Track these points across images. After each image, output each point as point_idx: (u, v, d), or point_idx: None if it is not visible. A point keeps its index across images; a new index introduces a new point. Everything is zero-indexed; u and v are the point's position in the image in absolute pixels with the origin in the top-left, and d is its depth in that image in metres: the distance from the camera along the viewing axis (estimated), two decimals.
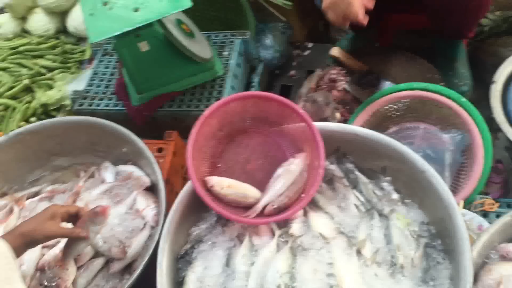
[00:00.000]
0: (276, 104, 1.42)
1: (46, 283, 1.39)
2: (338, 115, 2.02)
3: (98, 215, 1.37)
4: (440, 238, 1.28)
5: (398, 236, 1.27)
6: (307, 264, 1.21)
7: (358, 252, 1.23)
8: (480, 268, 1.26)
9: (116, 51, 1.87)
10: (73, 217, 1.35)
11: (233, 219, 1.32)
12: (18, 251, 1.19)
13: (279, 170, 1.40)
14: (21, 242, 1.21)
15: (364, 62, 2.21)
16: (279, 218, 1.32)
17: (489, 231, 1.27)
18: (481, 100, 2.22)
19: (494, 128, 1.99)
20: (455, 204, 1.20)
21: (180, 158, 1.81)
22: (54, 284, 1.38)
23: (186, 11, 1.83)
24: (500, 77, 1.79)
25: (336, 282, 1.16)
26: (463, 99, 1.71)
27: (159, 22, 1.80)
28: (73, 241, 1.36)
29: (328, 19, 1.57)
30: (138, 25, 1.68)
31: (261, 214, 1.35)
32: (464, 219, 1.19)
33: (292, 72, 2.52)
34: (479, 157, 1.60)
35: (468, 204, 1.59)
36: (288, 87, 2.47)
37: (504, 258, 1.26)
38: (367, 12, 1.56)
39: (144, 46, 1.83)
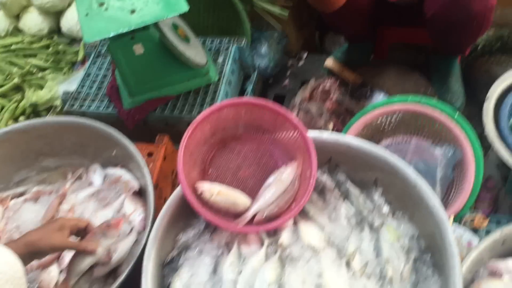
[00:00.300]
0: (270, 111, 1.41)
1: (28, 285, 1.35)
2: (331, 126, 2.02)
3: (111, 228, 1.32)
4: (430, 253, 1.27)
5: (388, 249, 1.26)
6: (296, 274, 1.19)
7: (348, 264, 1.21)
8: (469, 284, 1.25)
9: (110, 53, 1.86)
10: (82, 231, 1.32)
11: (222, 226, 1.30)
12: (22, 261, 1.13)
13: (271, 179, 1.39)
14: (26, 252, 1.16)
15: (358, 74, 2.22)
16: (268, 227, 1.30)
17: (478, 247, 1.27)
18: (473, 117, 2.23)
19: (485, 145, 2.00)
20: (446, 219, 1.20)
21: (171, 163, 1.79)
22: (35, 287, 1.35)
23: (182, 16, 1.83)
24: (493, 94, 1.80)
25: None
26: (457, 114, 1.71)
27: (155, 25, 1.79)
28: (78, 256, 1.31)
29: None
30: (133, 28, 1.67)
31: (251, 222, 1.33)
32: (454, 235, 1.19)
33: (286, 82, 2.53)
34: (470, 173, 1.59)
35: (458, 219, 1.58)
36: (282, 96, 2.47)
37: (493, 274, 1.25)
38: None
39: (138, 49, 1.82)
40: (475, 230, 1.55)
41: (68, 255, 1.38)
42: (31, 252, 1.18)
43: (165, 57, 1.87)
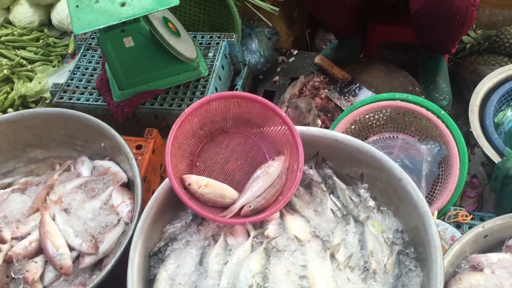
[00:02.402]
0: (258, 105, 1.42)
1: (13, 275, 1.35)
2: (319, 122, 2.04)
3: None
4: (413, 246, 1.29)
5: (372, 242, 1.28)
6: (281, 265, 1.20)
7: (332, 256, 1.23)
8: (451, 277, 1.27)
9: (100, 46, 1.85)
10: None
11: (209, 218, 1.31)
12: None
13: (258, 172, 1.40)
14: None
15: (347, 71, 2.24)
16: (255, 219, 1.31)
17: (461, 240, 1.28)
18: (460, 116, 2.27)
19: (471, 144, 2.03)
20: (429, 212, 1.22)
21: (159, 157, 1.80)
22: (21, 276, 1.35)
23: (173, 11, 1.83)
24: (479, 92, 1.83)
25: (309, 284, 1.16)
26: (443, 112, 1.74)
27: (146, 18, 1.79)
28: None
29: None
30: (124, 20, 1.67)
31: (238, 214, 1.34)
32: (437, 229, 1.21)
33: (276, 78, 2.54)
34: (455, 169, 1.62)
35: (442, 215, 1.61)
36: (272, 92, 2.49)
37: (474, 268, 1.27)
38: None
39: (128, 42, 1.82)
40: (458, 225, 1.57)
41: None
42: None
43: (155, 51, 1.87)
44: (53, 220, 1.45)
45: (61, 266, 1.35)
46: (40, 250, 1.40)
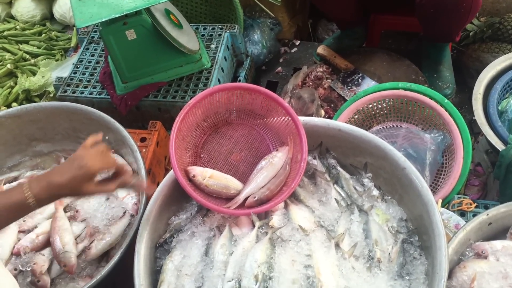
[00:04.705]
0: (262, 96, 1.42)
1: (21, 268, 1.37)
2: (322, 112, 2.04)
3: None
4: (417, 235, 1.30)
5: (377, 231, 1.28)
6: (286, 255, 1.21)
7: (337, 246, 1.23)
8: (455, 265, 1.27)
9: (103, 39, 1.85)
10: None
11: (214, 209, 1.32)
12: (41, 203, 1.11)
13: (262, 163, 1.40)
14: (47, 195, 1.11)
15: (350, 61, 2.23)
16: (260, 209, 1.32)
17: (465, 228, 1.29)
18: (463, 104, 2.27)
19: (475, 132, 2.02)
20: (433, 200, 1.22)
21: (163, 149, 1.80)
22: (29, 269, 1.36)
23: (175, 3, 1.82)
24: (483, 80, 1.82)
25: (314, 274, 1.17)
26: (446, 101, 1.73)
27: (148, 10, 1.79)
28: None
29: None
30: (126, 12, 1.67)
31: (242, 205, 1.35)
32: (442, 217, 1.21)
33: (279, 69, 2.53)
34: (459, 158, 1.62)
35: (446, 203, 1.61)
36: (274, 83, 2.48)
37: (479, 256, 1.28)
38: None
39: (131, 35, 1.82)
40: (463, 214, 1.58)
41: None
42: (52, 195, 1.14)
43: (158, 43, 1.87)
44: None
45: (65, 264, 1.36)
46: (47, 242, 1.42)
